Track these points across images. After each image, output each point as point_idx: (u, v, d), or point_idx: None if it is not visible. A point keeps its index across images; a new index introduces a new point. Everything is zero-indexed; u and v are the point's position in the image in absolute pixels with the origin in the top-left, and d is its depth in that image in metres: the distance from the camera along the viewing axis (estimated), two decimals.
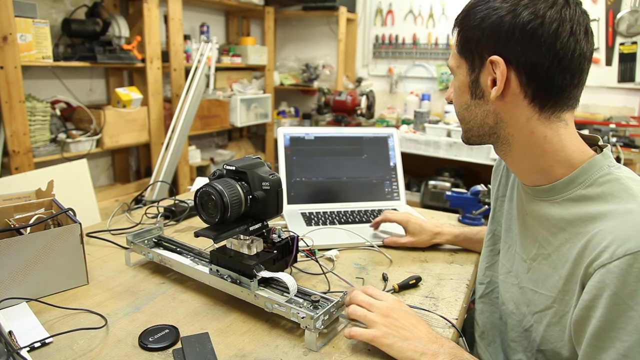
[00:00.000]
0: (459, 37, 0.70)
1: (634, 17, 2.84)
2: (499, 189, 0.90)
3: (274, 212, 0.85)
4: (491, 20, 0.64)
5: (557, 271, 0.68)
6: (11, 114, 2.07)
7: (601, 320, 0.57)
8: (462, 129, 0.76)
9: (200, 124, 3.12)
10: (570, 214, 0.66)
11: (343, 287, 0.93)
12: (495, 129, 0.70)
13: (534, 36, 0.61)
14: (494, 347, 0.89)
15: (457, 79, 0.73)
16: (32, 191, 1.09)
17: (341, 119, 3.33)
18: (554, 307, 0.68)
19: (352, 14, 3.68)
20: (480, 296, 0.92)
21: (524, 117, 0.67)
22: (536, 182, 0.72)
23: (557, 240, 0.68)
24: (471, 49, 0.68)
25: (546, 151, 0.68)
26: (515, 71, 0.64)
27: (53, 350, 0.70)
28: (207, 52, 2.82)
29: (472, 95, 0.70)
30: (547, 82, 0.63)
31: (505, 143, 0.71)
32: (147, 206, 1.37)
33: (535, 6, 0.61)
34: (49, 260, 0.85)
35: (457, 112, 0.76)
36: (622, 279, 0.55)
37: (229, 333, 0.77)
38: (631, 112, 2.98)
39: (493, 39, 0.64)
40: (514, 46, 0.62)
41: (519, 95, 0.65)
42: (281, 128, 1.38)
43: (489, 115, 0.69)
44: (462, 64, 0.70)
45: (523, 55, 0.62)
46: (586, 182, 0.65)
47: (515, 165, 0.74)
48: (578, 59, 0.62)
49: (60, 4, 2.53)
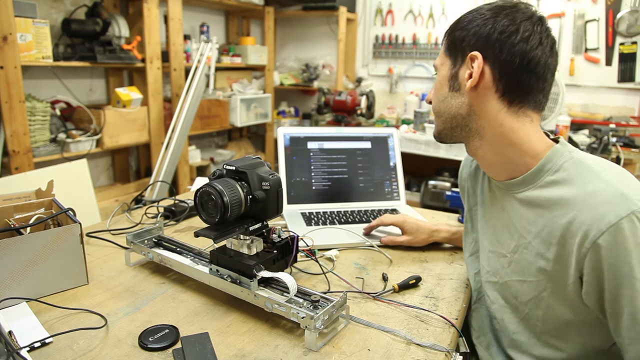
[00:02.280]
0: (447, 40, 0.81)
1: (634, 17, 2.84)
2: (469, 200, 0.96)
3: (274, 212, 0.85)
4: (476, 23, 0.75)
5: (541, 256, 0.73)
6: (11, 114, 2.07)
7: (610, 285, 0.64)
8: (436, 124, 0.84)
9: (200, 124, 3.12)
10: (544, 200, 0.73)
11: (343, 287, 0.93)
12: (468, 121, 0.78)
13: (509, 38, 0.72)
14: (492, 349, 0.89)
15: (439, 75, 0.81)
16: (32, 191, 1.09)
17: (341, 119, 3.33)
18: (549, 286, 0.73)
19: (352, 14, 3.68)
20: (474, 301, 0.94)
21: (494, 110, 0.75)
22: (509, 174, 0.79)
23: (535, 227, 0.74)
24: (456, 47, 0.78)
25: (514, 141, 0.75)
26: (491, 66, 0.73)
27: (53, 350, 0.70)
28: (207, 52, 2.82)
29: (450, 88, 0.79)
30: (516, 79, 0.73)
31: (477, 136, 0.79)
32: (147, 206, 1.37)
33: (514, 15, 0.73)
34: (49, 260, 0.85)
35: (434, 107, 0.83)
36: (613, 249, 0.62)
37: (229, 333, 0.77)
38: (631, 112, 2.98)
39: (475, 37, 0.74)
40: (492, 45, 0.73)
41: (491, 89, 0.74)
42: (281, 128, 1.38)
43: (463, 106, 0.78)
44: (446, 62, 0.80)
45: (498, 54, 0.72)
46: (553, 169, 0.73)
47: (487, 159, 0.81)
48: (543, 67, 0.73)
49: (60, 4, 2.53)
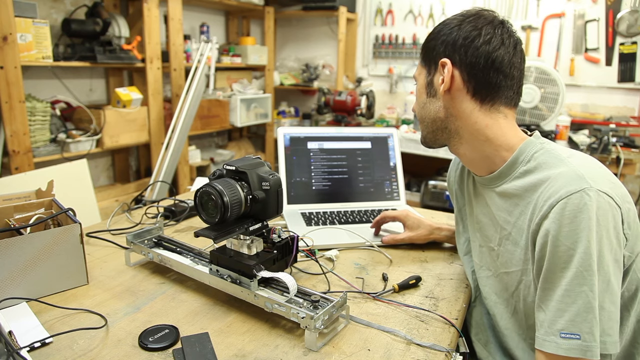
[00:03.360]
0: (422, 51, 0.87)
1: (634, 17, 2.84)
2: (458, 201, 1.00)
3: (274, 212, 0.85)
4: (444, 32, 0.82)
5: (518, 245, 0.78)
6: (11, 114, 2.07)
7: (547, 263, 0.68)
8: (421, 130, 0.90)
9: (200, 124, 3.12)
10: (518, 189, 0.77)
11: (343, 287, 0.93)
12: (446, 123, 0.83)
13: (472, 42, 0.78)
14: (490, 346, 0.90)
15: (418, 84, 0.88)
16: (32, 191, 1.09)
17: (341, 119, 3.33)
18: (523, 279, 0.77)
19: (352, 14, 3.68)
20: (473, 300, 0.95)
21: (468, 109, 0.80)
22: (488, 169, 0.83)
23: (512, 217, 0.78)
24: (429, 57, 0.84)
25: (489, 137, 0.80)
26: (459, 70, 0.79)
27: (53, 350, 0.70)
28: (207, 52, 2.82)
29: (428, 94, 0.85)
30: (484, 79, 0.78)
31: (457, 136, 0.84)
32: (147, 206, 1.37)
33: (476, 22, 0.79)
34: (49, 260, 0.85)
35: (417, 115, 0.89)
36: (558, 222, 0.66)
37: (229, 333, 0.77)
38: (631, 112, 2.98)
39: (444, 45, 0.81)
40: (458, 50, 0.79)
41: (463, 91, 0.80)
42: (281, 128, 1.38)
43: (440, 109, 0.83)
44: (422, 71, 0.86)
45: (464, 57, 0.78)
46: (525, 160, 0.77)
47: (467, 156, 0.85)
48: (508, 65, 0.78)
49: (60, 4, 2.53)
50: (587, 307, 0.64)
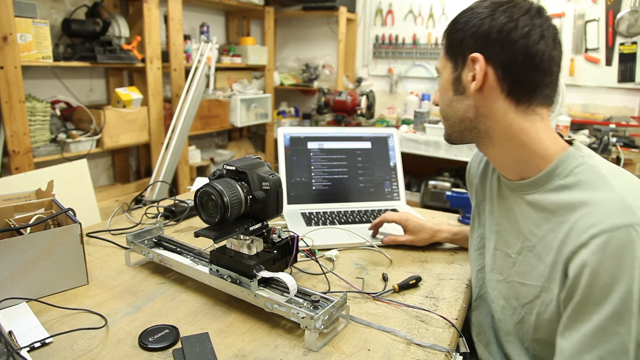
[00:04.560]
0: (445, 41, 0.78)
1: (634, 17, 2.84)
2: (477, 196, 0.94)
3: (274, 212, 0.85)
4: (473, 23, 0.72)
5: (542, 261, 0.72)
6: (11, 114, 2.07)
7: (581, 295, 0.62)
8: (445, 127, 0.82)
9: (200, 124, 3.12)
10: (552, 204, 0.71)
11: (343, 287, 0.93)
12: (476, 123, 0.76)
13: (508, 36, 0.69)
14: (491, 348, 0.90)
15: (442, 78, 0.79)
16: (32, 191, 1.09)
17: (341, 119, 3.33)
18: (542, 296, 0.72)
19: (352, 14, 3.68)
20: (475, 299, 0.94)
21: (501, 110, 0.72)
22: (519, 175, 0.76)
23: (541, 230, 0.73)
24: (455, 50, 0.75)
25: (524, 142, 0.73)
26: (493, 67, 0.71)
27: (53, 350, 0.70)
28: (207, 52, 2.82)
29: (455, 92, 0.77)
30: (521, 77, 0.70)
31: (486, 137, 0.76)
32: (147, 206, 1.37)
33: (511, 11, 0.70)
34: (49, 260, 0.85)
35: (441, 111, 0.82)
36: (599, 255, 0.60)
37: (229, 333, 0.77)
38: (631, 112, 2.98)
39: (474, 38, 0.72)
40: (492, 45, 0.70)
41: (496, 89, 0.71)
42: (281, 128, 1.38)
43: (469, 109, 0.75)
44: (447, 65, 0.77)
45: (499, 53, 0.70)
46: (564, 173, 0.70)
47: (497, 158, 0.79)
48: (548, 60, 0.70)
49: (60, 4, 2.53)
50: (622, 348, 0.60)
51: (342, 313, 0.79)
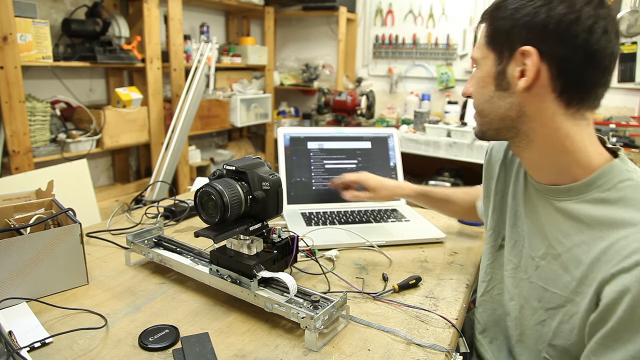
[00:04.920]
0: (488, 29, 0.69)
1: (634, 17, 2.84)
2: (497, 185, 0.88)
3: (274, 212, 0.85)
4: (526, 11, 0.63)
5: (569, 272, 0.68)
6: (11, 114, 2.07)
7: (616, 322, 0.58)
8: (479, 123, 0.75)
9: (200, 124, 3.12)
10: (587, 216, 0.66)
11: (343, 287, 0.93)
12: (517, 123, 0.69)
13: (568, 30, 0.61)
14: (496, 344, 0.88)
15: (480, 70, 0.71)
16: (32, 191, 1.09)
17: (341, 119, 3.33)
18: (566, 306, 0.69)
19: (352, 14, 3.68)
20: (481, 294, 0.92)
21: (549, 112, 0.66)
22: (552, 180, 0.71)
23: (570, 241, 0.68)
24: (501, 40, 0.67)
25: (568, 150, 0.67)
26: (547, 63, 0.63)
27: (53, 350, 0.70)
28: (207, 52, 2.82)
29: (497, 87, 0.69)
30: (577, 77, 0.63)
31: (525, 139, 0.70)
32: (147, 206, 1.37)
33: (571, 0, 0.61)
34: (49, 260, 0.85)
35: (476, 105, 0.74)
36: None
37: (229, 333, 0.77)
38: (631, 112, 2.98)
39: (526, 29, 0.63)
40: (548, 38, 0.62)
41: (547, 89, 0.65)
42: (281, 128, 1.38)
43: (512, 107, 0.68)
44: (488, 55, 0.69)
45: (556, 48, 0.62)
46: (605, 186, 0.65)
47: (532, 162, 0.73)
48: (609, 57, 0.63)
49: (60, 4, 2.53)
50: None
51: (342, 313, 0.79)
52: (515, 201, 0.83)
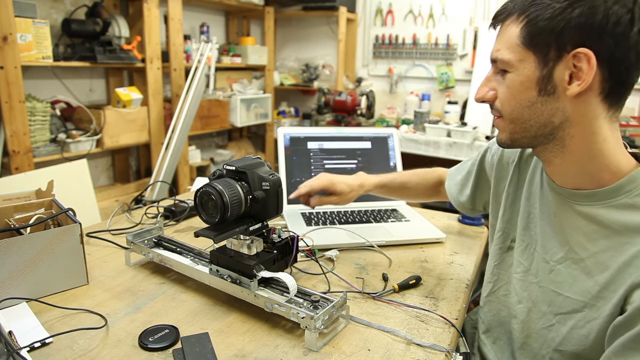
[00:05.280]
0: (525, 29, 0.64)
1: None
2: (509, 186, 0.86)
3: (274, 212, 0.85)
4: (580, 11, 0.59)
5: (591, 277, 0.67)
6: (11, 114, 2.07)
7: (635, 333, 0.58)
8: (510, 130, 0.70)
9: (200, 124, 3.12)
10: (615, 222, 0.65)
11: (343, 287, 0.93)
12: (557, 129, 0.66)
13: (625, 30, 0.58)
14: (499, 345, 0.88)
15: (517, 74, 0.66)
16: (32, 191, 1.09)
17: (341, 119, 3.33)
18: (584, 311, 0.68)
19: (352, 14, 3.68)
20: (487, 294, 0.91)
21: (592, 115, 0.64)
22: (576, 185, 0.70)
23: (595, 246, 0.67)
24: (547, 41, 0.62)
25: (602, 153, 0.65)
26: (600, 65, 0.60)
27: (53, 350, 0.70)
28: (207, 52, 2.82)
29: (541, 92, 0.65)
30: (626, 78, 0.62)
31: (560, 144, 0.68)
32: (147, 206, 1.37)
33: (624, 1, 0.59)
34: (49, 260, 0.85)
35: (511, 112, 0.69)
36: None
37: (229, 333, 0.77)
38: (631, 112, 2.98)
39: (580, 30, 0.60)
40: (606, 38, 0.59)
41: (595, 91, 0.62)
42: (281, 128, 1.38)
43: (557, 113, 0.65)
44: (527, 57, 0.65)
45: (612, 50, 0.59)
46: (634, 191, 0.64)
47: (560, 167, 0.71)
48: None
49: (60, 4, 2.53)
50: None
51: (342, 313, 0.79)
52: (530, 203, 0.81)
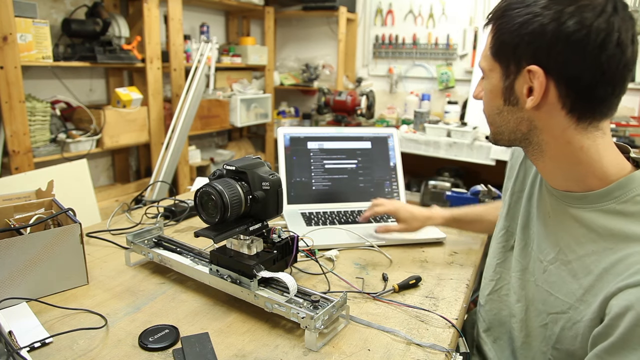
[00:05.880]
0: (493, 40, 0.67)
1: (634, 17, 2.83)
2: (515, 184, 0.87)
3: (274, 212, 0.85)
4: (532, 28, 0.60)
5: (576, 280, 0.68)
6: (11, 114, 2.07)
7: (617, 337, 0.57)
8: (491, 131, 0.75)
9: (200, 124, 3.12)
10: (602, 227, 0.65)
11: (343, 287, 0.93)
12: (528, 136, 0.68)
13: (578, 48, 0.58)
14: (500, 344, 0.88)
15: (488, 82, 0.70)
16: (32, 191, 1.09)
17: (341, 119, 3.33)
18: (569, 313, 0.69)
19: (352, 14, 3.68)
20: (488, 293, 0.90)
21: (560, 127, 0.64)
22: (567, 187, 0.70)
23: (582, 249, 0.67)
24: (507, 55, 0.65)
25: (582, 161, 0.65)
26: (555, 82, 0.61)
27: (53, 350, 0.70)
28: (207, 52, 2.82)
29: (505, 101, 0.68)
30: (588, 94, 0.61)
31: (538, 149, 0.69)
32: (147, 206, 1.37)
33: (581, 15, 0.57)
34: (49, 260, 0.85)
35: (487, 115, 0.73)
36: None
37: (229, 333, 0.77)
38: (631, 112, 2.98)
39: (533, 47, 0.61)
40: (556, 57, 0.60)
41: (556, 106, 0.63)
42: (281, 128, 1.38)
43: (522, 122, 0.67)
44: (495, 68, 0.68)
45: (565, 67, 0.60)
46: (622, 198, 0.63)
47: (547, 170, 0.72)
48: (622, 69, 0.60)
49: (60, 4, 2.53)
50: None
51: (342, 313, 0.79)
52: (530, 203, 0.82)
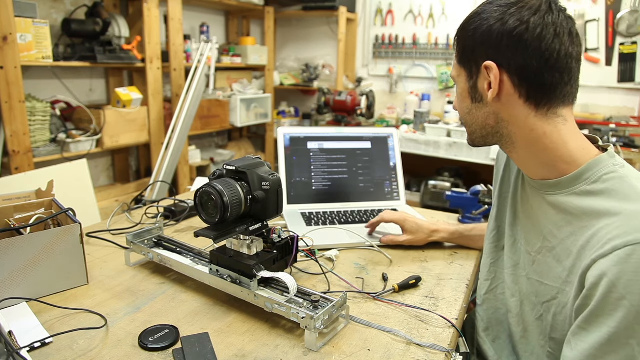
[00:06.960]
0: (457, 49, 0.77)
1: (634, 17, 2.84)
2: (502, 186, 0.92)
3: (274, 212, 0.85)
4: (482, 30, 0.70)
5: (561, 263, 0.72)
6: (11, 114, 2.07)
7: (594, 305, 0.61)
8: (467, 133, 0.82)
9: (200, 124, 3.12)
10: (575, 208, 0.70)
11: (343, 287, 0.93)
12: (498, 129, 0.75)
13: (520, 41, 0.67)
14: (499, 343, 0.89)
15: (458, 86, 0.78)
16: (32, 191, 1.09)
17: (341, 119, 3.33)
18: (558, 297, 0.72)
19: (352, 14, 3.68)
20: (485, 292, 0.92)
21: (522, 115, 0.71)
22: (543, 176, 0.75)
23: (562, 233, 0.72)
24: (468, 58, 0.74)
25: (547, 147, 0.71)
26: (508, 73, 0.70)
27: (53, 350, 0.70)
28: (207, 52, 2.82)
29: (472, 100, 0.76)
30: (538, 81, 0.69)
31: (509, 141, 0.75)
32: (147, 206, 1.37)
33: (520, 13, 0.68)
34: (49, 260, 0.85)
35: (461, 118, 0.81)
36: (619, 267, 0.59)
37: (229, 333, 0.77)
38: (631, 112, 2.98)
39: (485, 46, 0.70)
40: (504, 51, 0.69)
41: (514, 96, 0.70)
42: (281, 128, 1.38)
43: (489, 116, 0.75)
44: (461, 73, 0.76)
45: (512, 59, 0.68)
46: (591, 179, 0.69)
47: (521, 160, 0.78)
48: (565, 58, 0.68)
49: (60, 4, 2.53)
50: None
51: (342, 313, 0.79)
52: (515, 200, 0.86)
